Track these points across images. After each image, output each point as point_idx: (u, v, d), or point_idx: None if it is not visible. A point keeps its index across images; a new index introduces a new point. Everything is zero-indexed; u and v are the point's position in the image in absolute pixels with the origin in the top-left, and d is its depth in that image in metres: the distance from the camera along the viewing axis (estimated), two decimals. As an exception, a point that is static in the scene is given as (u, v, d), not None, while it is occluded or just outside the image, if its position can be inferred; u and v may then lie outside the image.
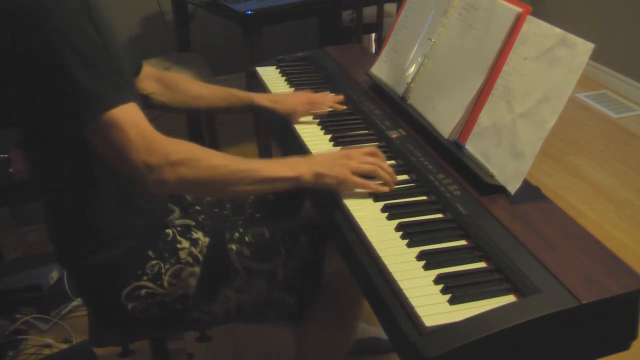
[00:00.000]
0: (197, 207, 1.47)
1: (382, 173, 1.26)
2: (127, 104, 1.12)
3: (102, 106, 1.09)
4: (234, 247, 1.34)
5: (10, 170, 2.12)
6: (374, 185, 1.25)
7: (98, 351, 1.80)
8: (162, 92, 1.54)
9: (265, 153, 2.80)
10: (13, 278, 2.21)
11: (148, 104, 1.53)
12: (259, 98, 1.59)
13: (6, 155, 2.14)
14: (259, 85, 1.84)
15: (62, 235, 1.31)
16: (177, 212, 1.41)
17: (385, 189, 1.25)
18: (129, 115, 1.11)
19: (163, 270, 1.30)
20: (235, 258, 1.34)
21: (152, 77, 1.54)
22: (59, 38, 1.07)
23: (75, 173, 1.22)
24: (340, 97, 1.64)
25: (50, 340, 2.05)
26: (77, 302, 2.16)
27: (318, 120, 1.57)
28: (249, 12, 2.50)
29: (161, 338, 1.52)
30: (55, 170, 1.24)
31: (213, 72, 2.88)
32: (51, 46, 1.07)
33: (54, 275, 2.23)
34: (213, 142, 2.88)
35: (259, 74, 1.86)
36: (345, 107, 1.62)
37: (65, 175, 1.23)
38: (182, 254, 1.32)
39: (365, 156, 1.27)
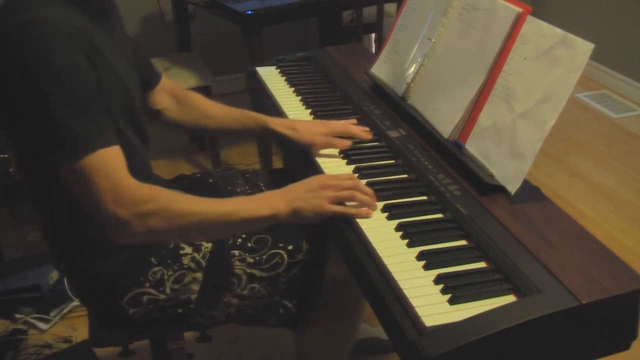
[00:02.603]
0: None
1: (360, 196, 1.20)
2: (105, 149, 1.08)
3: (79, 150, 1.06)
4: (236, 253, 1.34)
5: (10, 170, 2.12)
6: (353, 210, 1.19)
7: (98, 351, 1.80)
8: (174, 107, 1.52)
9: (265, 153, 2.80)
10: (13, 278, 2.22)
11: (159, 120, 1.51)
12: (275, 124, 1.49)
13: (6, 155, 2.14)
14: (259, 85, 1.84)
15: (60, 246, 1.31)
16: None
17: (367, 212, 1.20)
18: (103, 163, 1.07)
19: (165, 277, 1.30)
20: (237, 264, 1.33)
21: (167, 90, 1.52)
22: (42, 67, 1.04)
23: (64, 185, 1.21)
24: (365, 128, 1.49)
25: (50, 340, 2.05)
26: (77, 302, 2.16)
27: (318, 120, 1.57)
28: (249, 12, 2.50)
29: (161, 338, 1.52)
30: (48, 183, 1.21)
31: (213, 72, 2.89)
32: (36, 72, 1.04)
33: (54, 275, 2.23)
34: (213, 143, 2.88)
35: (259, 74, 1.86)
36: (371, 136, 1.48)
37: (59, 187, 1.21)
38: (185, 260, 1.31)
39: (342, 182, 1.22)
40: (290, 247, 1.35)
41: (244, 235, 1.36)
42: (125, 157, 1.12)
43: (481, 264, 1.07)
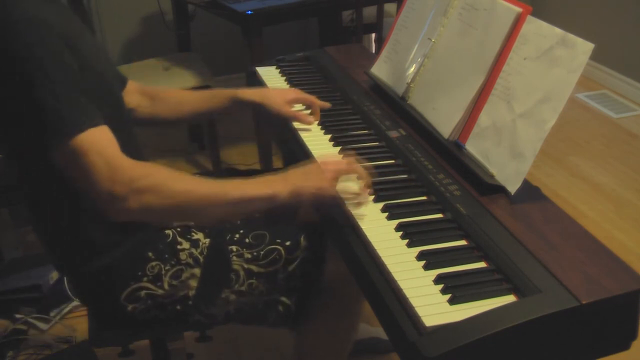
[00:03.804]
0: None
1: (357, 168, 1.23)
2: (96, 128, 1.10)
3: (69, 130, 1.08)
4: (234, 248, 1.34)
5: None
6: (354, 187, 1.22)
7: (98, 351, 1.80)
8: (147, 104, 1.52)
9: (265, 153, 2.80)
10: (13, 278, 2.22)
11: (134, 118, 1.52)
12: (244, 93, 1.54)
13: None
14: (258, 85, 1.84)
15: (56, 244, 1.31)
16: None
17: (365, 194, 1.22)
18: (95, 141, 1.09)
19: (163, 272, 1.30)
20: (235, 260, 1.34)
21: (135, 91, 1.53)
22: (25, 55, 1.07)
23: (62, 182, 1.21)
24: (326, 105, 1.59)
25: (50, 340, 2.05)
26: (77, 302, 2.16)
27: (318, 120, 1.57)
28: (249, 12, 2.50)
29: (161, 338, 1.52)
30: (42, 181, 1.23)
31: (213, 72, 2.88)
32: (18, 64, 1.06)
33: (54, 275, 2.23)
34: (213, 143, 2.88)
35: (259, 74, 1.86)
36: (329, 104, 1.60)
37: (52, 181, 1.22)
38: (183, 255, 1.32)
39: (339, 162, 1.25)
40: (288, 243, 1.35)
41: (241, 231, 1.37)
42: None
43: (481, 264, 1.07)
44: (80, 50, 1.17)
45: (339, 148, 1.44)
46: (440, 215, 1.20)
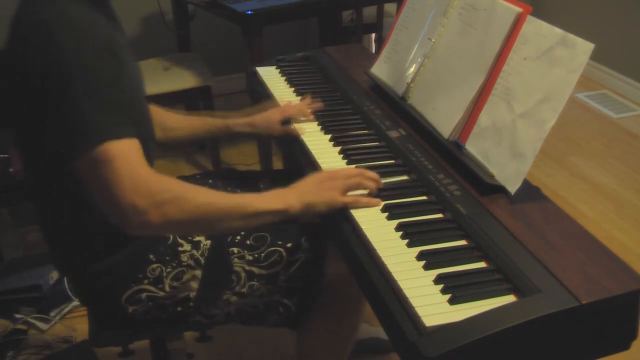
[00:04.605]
0: None
1: (367, 183, 1.24)
2: (125, 139, 1.10)
3: (98, 137, 1.07)
4: (235, 250, 1.34)
5: (10, 170, 2.12)
6: (365, 199, 1.23)
7: (98, 351, 1.80)
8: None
9: (265, 153, 2.80)
10: (13, 278, 2.22)
11: None
12: (235, 125, 1.58)
13: (6, 155, 2.14)
14: (259, 85, 1.84)
15: (59, 243, 1.31)
16: None
17: (377, 201, 1.23)
18: (122, 152, 1.08)
19: (164, 274, 1.30)
20: (236, 261, 1.34)
21: None
22: (73, 58, 1.07)
23: (68, 180, 1.21)
24: (319, 105, 1.61)
25: (50, 340, 2.05)
26: (77, 302, 2.16)
27: (318, 120, 1.57)
28: (249, 12, 2.50)
29: (161, 338, 1.52)
30: (48, 177, 1.23)
31: (213, 72, 2.88)
32: (64, 65, 1.06)
33: (54, 275, 2.23)
34: (213, 143, 2.88)
35: (259, 74, 1.86)
36: (321, 104, 1.62)
37: (58, 182, 1.22)
38: (184, 257, 1.32)
39: (348, 171, 1.26)
40: (289, 245, 1.35)
41: (242, 233, 1.37)
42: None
43: (481, 264, 1.07)
44: (122, 61, 1.16)
45: (339, 148, 1.44)
46: (440, 215, 1.20)
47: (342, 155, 1.42)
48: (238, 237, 1.36)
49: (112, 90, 1.11)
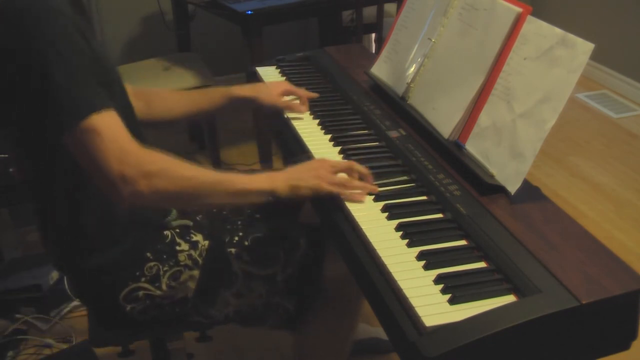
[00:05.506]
0: None
1: (354, 176, 1.26)
2: (107, 111, 1.11)
3: (82, 111, 1.09)
4: (233, 250, 1.34)
5: (10, 170, 2.12)
6: (347, 192, 1.24)
7: (98, 351, 1.80)
8: (141, 105, 1.51)
9: (265, 153, 2.80)
10: (13, 278, 2.21)
11: None
12: (238, 90, 1.57)
13: (6, 155, 2.14)
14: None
15: (56, 239, 1.31)
16: (174, 212, 1.40)
17: (360, 196, 1.24)
18: (107, 124, 1.11)
19: (161, 272, 1.30)
20: (234, 262, 1.34)
21: (130, 95, 1.53)
22: (43, 39, 1.07)
23: (64, 176, 1.21)
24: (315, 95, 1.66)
25: (50, 340, 2.05)
26: (77, 302, 2.16)
27: (318, 120, 1.57)
28: (249, 12, 2.50)
29: (161, 338, 1.52)
30: (44, 174, 1.23)
31: (213, 72, 2.88)
32: (35, 47, 1.07)
33: (54, 275, 2.23)
34: (213, 143, 2.88)
35: (259, 74, 1.86)
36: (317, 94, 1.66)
37: (54, 179, 1.22)
38: (181, 257, 1.32)
39: (338, 163, 1.28)
40: (287, 246, 1.35)
41: (240, 234, 1.37)
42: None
43: (481, 264, 1.07)
44: (92, 46, 1.17)
45: (339, 148, 1.44)
46: (440, 215, 1.20)
47: (342, 155, 1.42)
48: (236, 238, 1.36)
49: (87, 67, 1.12)
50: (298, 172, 1.26)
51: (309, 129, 1.54)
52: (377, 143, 1.47)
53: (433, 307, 0.97)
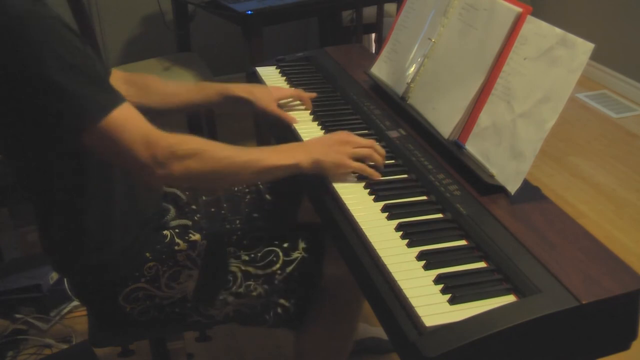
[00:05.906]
0: (193, 207, 1.47)
1: (376, 156, 1.30)
2: (125, 104, 1.12)
3: (101, 110, 1.09)
4: (231, 250, 1.34)
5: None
6: (370, 169, 1.28)
7: (98, 351, 1.80)
8: (135, 93, 1.50)
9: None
10: (13, 278, 2.21)
11: None
12: (235, 88, 1.56)
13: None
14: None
15: (55, 239, 1.31)
16: (172, 212, 1.40)
17: (379, 175, 1.28)
18: (127, 115, 1.12)
19: (161, 273, 1.30)
20: (232, 261, 1.34)
21: (122, 80, 1.51)
22: (42, 47, 1.06)
23: (64, 177, 1.21)
24: (313, 95, 1.65)
25: (50, 340, 2.05)
26: (76, 302, 2.16)
27: (318, 120, 1.57)
28: (249, 12, 2.50)
29: (161, 338, 1.52)
30: (44, 175, 1.23)
31: (213, 72, 2.88)
32: (34, 55, 1.05)
33: (54, 275, 2.22)
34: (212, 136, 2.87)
35: (259, 74, 1.86)
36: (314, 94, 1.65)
37: (54, 180, 1.22)
38: (180, 257, 1.32)
39: (360, 140, 1.31)
40: (285, 245, 1.35)
41: (239, 233, 1.37)
42: None
43: (481, 264, 1.07)
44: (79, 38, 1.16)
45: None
46: (440, 215, 1.20)
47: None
48: (234, 237, 1.36)
49: (91, 67, 1.12)
50: (320, 146, 1.28)
51: (309, 130, 1.53)
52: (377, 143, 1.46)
53: (433, 307, 0.97)
